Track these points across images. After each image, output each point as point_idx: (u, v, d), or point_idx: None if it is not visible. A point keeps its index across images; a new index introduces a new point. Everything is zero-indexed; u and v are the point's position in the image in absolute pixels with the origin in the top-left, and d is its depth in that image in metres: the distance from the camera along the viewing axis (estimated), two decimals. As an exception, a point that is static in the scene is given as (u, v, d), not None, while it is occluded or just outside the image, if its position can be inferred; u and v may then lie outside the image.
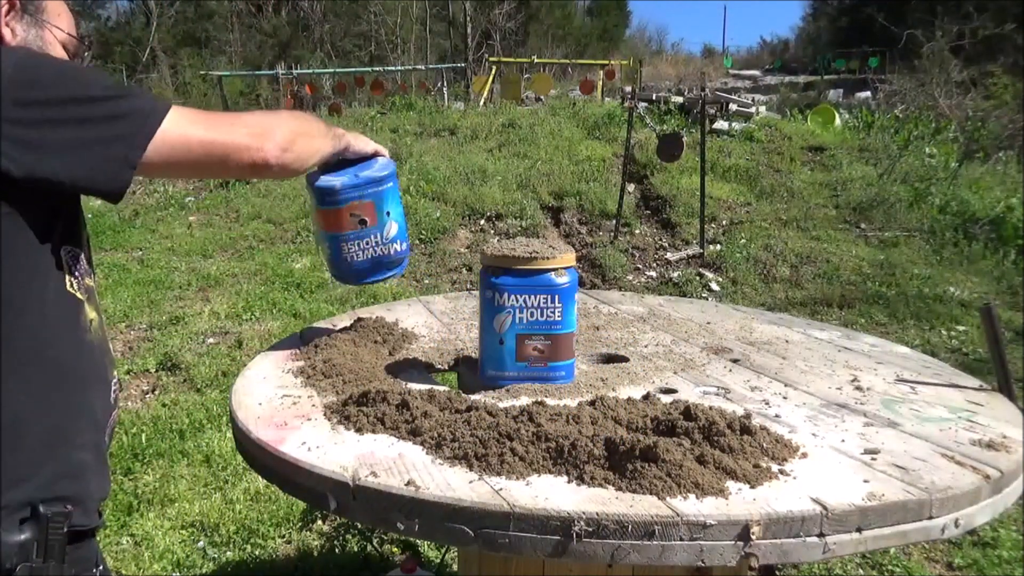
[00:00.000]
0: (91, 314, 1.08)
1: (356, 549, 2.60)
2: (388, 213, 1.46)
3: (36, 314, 0.98)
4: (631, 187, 7.44)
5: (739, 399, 1.30)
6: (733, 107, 10.26)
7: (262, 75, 16.66)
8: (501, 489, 0.94)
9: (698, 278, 5.95)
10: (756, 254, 6.23)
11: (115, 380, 1.15)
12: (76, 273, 1.05)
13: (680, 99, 10.72)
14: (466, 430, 1.07)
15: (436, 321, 1.79)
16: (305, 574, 2.52)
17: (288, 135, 1.16)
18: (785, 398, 1.31)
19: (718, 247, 6.42)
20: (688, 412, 1.10)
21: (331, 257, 1.48)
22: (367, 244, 1.45)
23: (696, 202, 6.65)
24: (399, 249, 1.49)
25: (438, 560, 2.51)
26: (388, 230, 1.46)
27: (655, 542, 0.87)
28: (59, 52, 1.13)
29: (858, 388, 1.38)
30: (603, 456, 0.99)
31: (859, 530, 0.92)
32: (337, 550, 2.61)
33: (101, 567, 1.10)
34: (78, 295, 1.05)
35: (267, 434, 1.11)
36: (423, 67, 16.70)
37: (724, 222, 6.99)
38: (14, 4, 1.08)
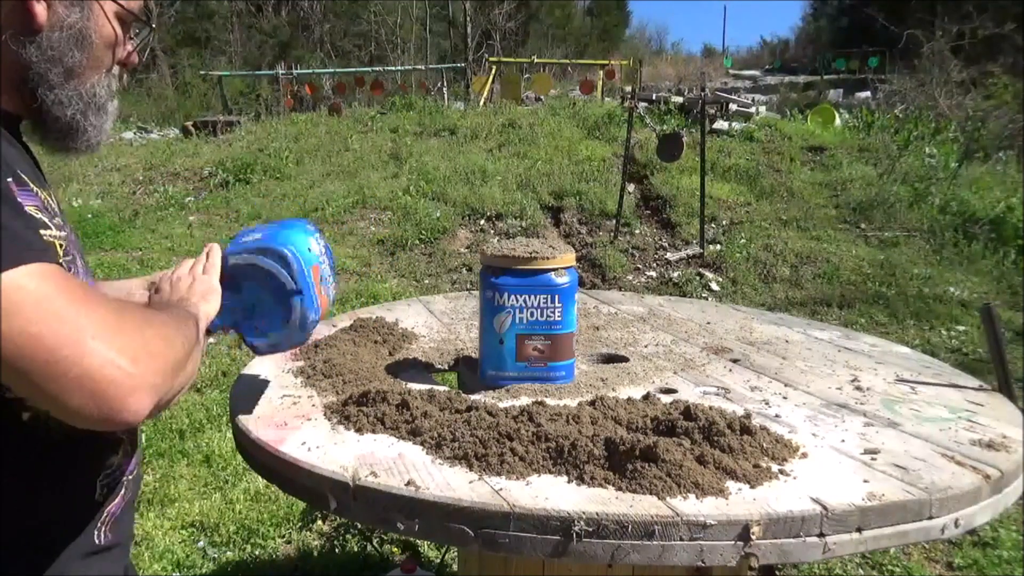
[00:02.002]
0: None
1: (356, 549, 2.60)
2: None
3: None
4: (631, 187, 7.44)
5: (739, 399, 1.30)
6: (733, 107, 10.26)
7: (262, 75, 16.66)
8: (501, 489, 0.94)
9: (698, 278, 5.95)
10: (756, 254, 6.24)
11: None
12: None
13: (680, 99, 10.72)
14: (466, 430, 1.07)
15: (436, 321, 1.79)
16: (305, 574, 2.52)
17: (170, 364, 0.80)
18: (785, 398, 1.31)
19: (718, 247, 6.42)
20: (688, 412, 1.10)
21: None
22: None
23: (696, 202, 6.65)
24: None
25: (438, 560, 2.51)
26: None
27: (655, 542, 0.87)
28: (106, 32, 0.96)
29: (858, 388, 1.38)
30: (603, 456, 0.99)
31: (859, 530, 0.92)
32: (337, 550, 2.61)
33: None
34: None
35: (267, 434, 1.11)
36: (423, 67, 16.70)
37: (724, 222, 6.99)
38: None
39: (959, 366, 1.82)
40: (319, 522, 2.75)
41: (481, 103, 12.51)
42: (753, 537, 0.88)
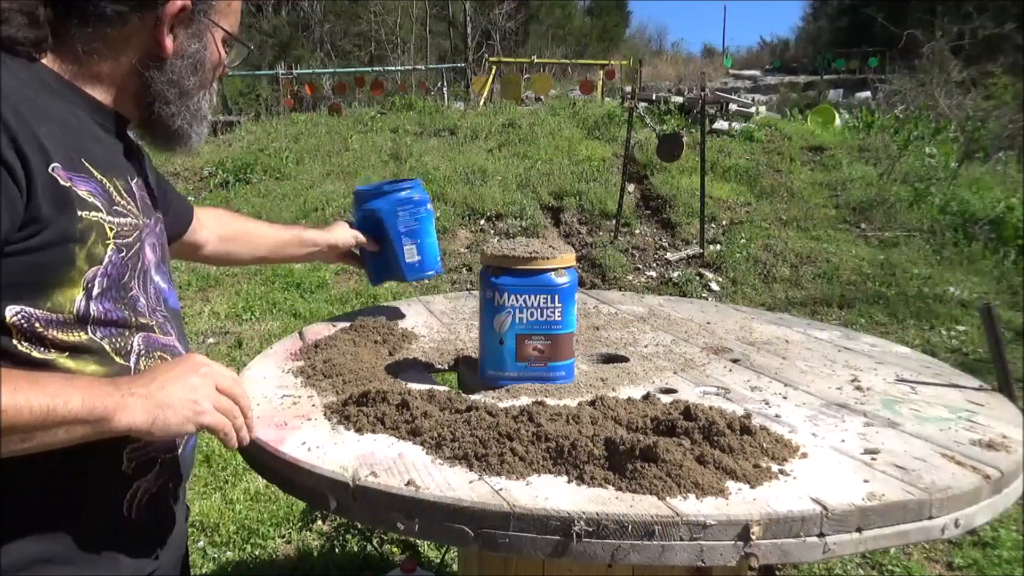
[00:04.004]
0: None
1: (356, 549, 2.60)
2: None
3: None
4: (631, 187, 7.44)
5: (739, 399, 1.30)
6: (733, 107, 10.26)
7: (262, 75, 16.66)
8: (501, 489, 0.94)
9: (698, 278, 5.96)
10: (756, 254, 6.24)
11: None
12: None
13: (680, 99, 10.71)
14: (466, 430, 1.07)
15: (436, 321, 1.79)
16: (305, 574, 2.52)
17: None
18: (785, 398, 1.31)
19: (718, 247, 6.43)
20: (688, 412, 1.10)
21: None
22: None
23: (696, 202, 6.65)
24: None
25: (438, 560, 2.51)
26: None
27: (655, 542, 0.87)
28: (214, 56, 1.10)
29: (858, 388, 1.38)
30: (603, 456, 0.99)
31: (859, 530, 0.92)
32: (337, 550, 2.61)
33: None
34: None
35: (267, 434, 1.11)
36: (423, 67, 16.70)
37: (724, 222, 6.99)
38: (186, 5, 1.03)
39: (959, 366, 1.83)
40: (319, 522, 2.75)
41: (481, 103, 12.51)
42: (753, 537, 0.88)
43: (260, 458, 1.11)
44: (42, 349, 0.92)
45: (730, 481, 0.96)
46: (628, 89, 9.98)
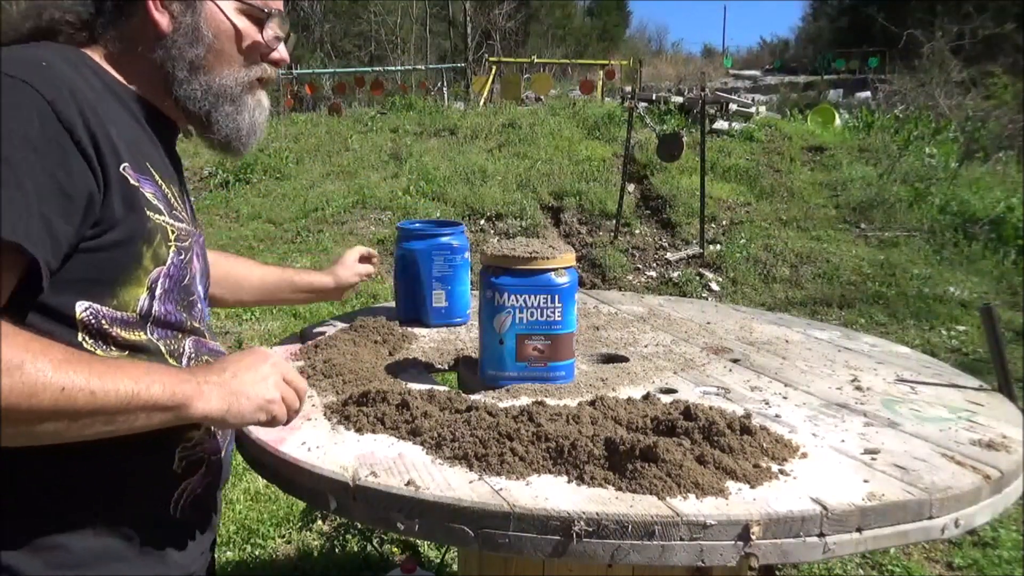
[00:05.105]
0: None
1: (356, 549, 2.60)
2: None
3: None
4: (631, 187, 7.44)
5: (739, 399, 1.30)
6: (733, 107, 10.26)
7: (262, 75, 16.60)
8: (501, 489, 0.94)
9: (698, 278, 5.96)
10: (756, 254, 6.24)
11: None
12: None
13: (680, 99, 10.72)
14: (466, 430, 1.07)
15: (436, 321, 1.79)
16: (305, 574, 2.52)
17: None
18: (785, 398, 1.31)
19: (718, 247, 6.43)
20: (688, 412, 1.10)
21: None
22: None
23: (696, 202, 6.65)
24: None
25: (438, 560, 2.51)
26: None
27: (655, 542, 0.87)
28: (224, 27, 1.05)
29: (858, 388, 1.38)
30: (603, 456, 0.99)
31: (859, 530, 0.92)
32: (337, 550, 2.61)
33: None
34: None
35: (267, 434, 1.11)
36: (423, 67, 16.70)
37: (724, 222, 6.99)
38: None
39: (959, 366, 1.82)
40: (319, 522, 2.75)
41: (481, 103, 12.51)
42: (753, 537, 0.88)
43: (260, 458, 1.11)
44: (105, 347, 0.93)
45: (730, 481, 0.96)
46: (628, 89, 9.99)
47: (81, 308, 0.90)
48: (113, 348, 0.94)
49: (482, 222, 6.76)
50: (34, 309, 0.88)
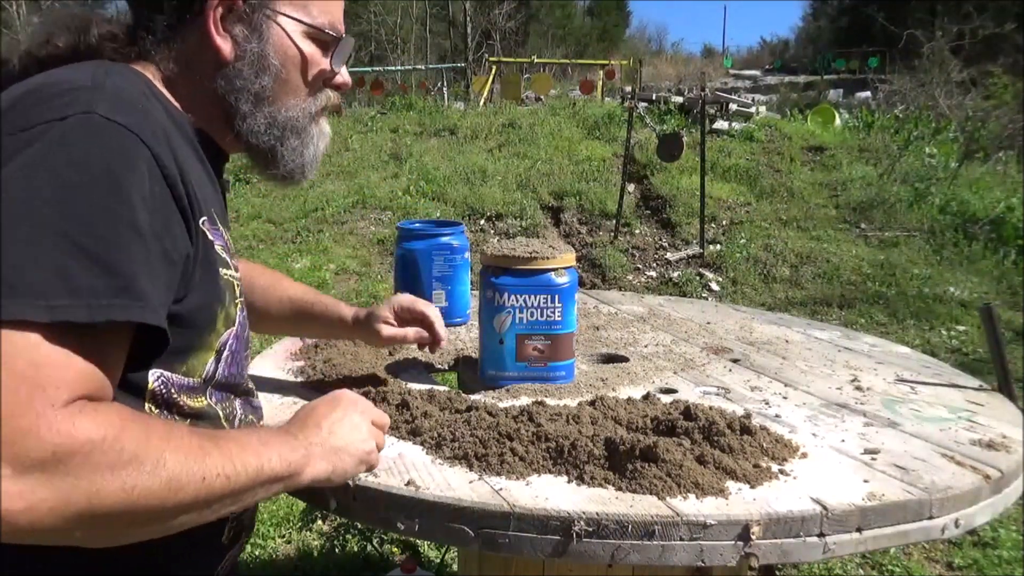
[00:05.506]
0: None
1: (356, 549, 2.60)
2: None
3: None
4: (631, 187, 7.44)
5: (739, 399, 1.30)
6: (733, 107, 10.26)
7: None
8: (501, 489, 0.94)
9: (698, 278, 5.96)
10: (756, 254, 6.24)
11: None
12: None
13: (680, 99, 10.72)
14: (466, 430, 1.07)
15: (436, 321, 1.79)
16: (305, 574, 2.52)
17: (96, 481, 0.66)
18: (785, 398, 1.31)
19: (718, 247, 6.43)
20: (688, 412, 1.10)
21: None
22: None
23: (696, 202, 6.65)
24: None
25: (438, 560, 2.51)
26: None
27: (655, 542, 0.87)
28: (291, 53, 0.95)
29: (858, 388, 1.38)
30: (603, 456, 0.99)
31: (859, 530, 0.91)
32: (337, 550, 2.61)
33: None
34: None
35: (267, 434, 1.11)
36: (423, 67, 16.70)
37: (724, 222, 6.99)
38: (235, 1, 0.91)
39: (959, 366, 1.82)
40: (319, 522, 2.75)
41: (481, 103, 12.52)
42: (753, 537, 0.88)
43: (260, 458, 1.11)
44: (170, 415, 0.85)
45: (730, 481, 0.96)
46: (628, 89, 9.99)
47: (153, 377, 0.82)
48: (176, 416, 0.86)
49: (482, 222, 6.77)
50: None
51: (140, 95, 0.83)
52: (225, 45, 0.91)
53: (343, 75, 1.01)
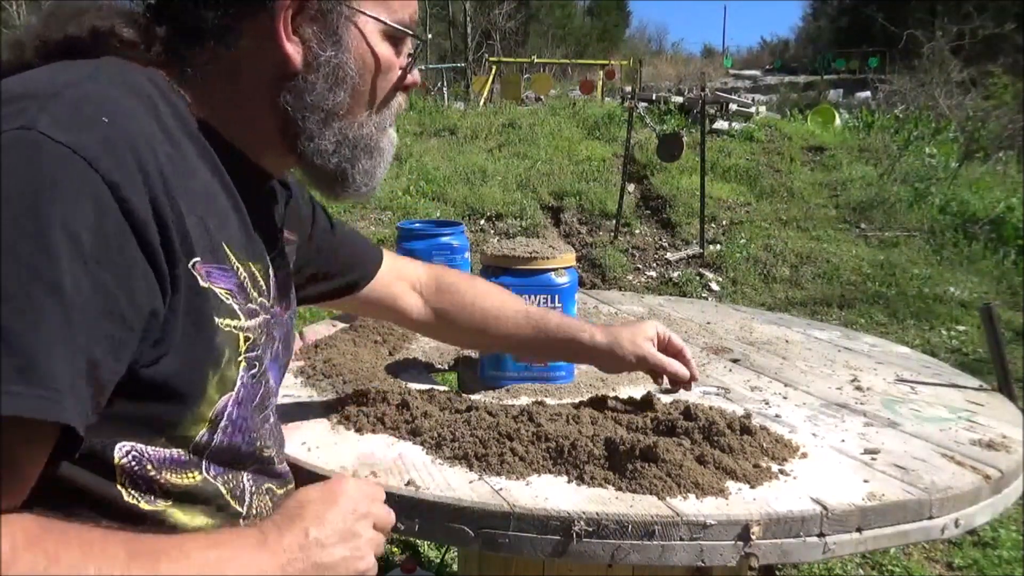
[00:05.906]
0: None
1: (356, 549, 2.60)
2: None
3: None
4: (631, 187, 7.44)
5: (739, 399, 1.30)
6: (733, 107, 10.27)
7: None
8: (501, 489, 0.94)
9: (698, 278, 5.96)
10: (756, 254, 6.24)
11: None
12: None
13: (680, 99, 10.73)
14: (466, 430, 1.07)
15: (436, 321, 1.79)
16: (305, 574, 2.51)
17: None
18: (785, 398, 1.31)
19: (718, 247, 6.43)
20: (688, 412, 1.10)
21: None
22: None
23: (696, 202, 6.65)
24: None
25: (438, 560, 2.51)
26: None
27: (655, 542, 0.87)
28: (368, 60, 0.79)
29: (858, 388, 1.38)
30: (603, 456, 0.99)
31: (859, 530, 0.92)
32: (337, 550, 2.61)
33: None
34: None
35: (267, 434, 1.11)
36: (423, 67, 16.69)
37: (724, 222, 6.99)
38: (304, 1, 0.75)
39: (959, 366, 1.82)
40: (319, 522, 2.75)
41: (481, 103, 12.52)
42: (753, 537, 0.88)
43: (260, 458, 1.11)
44: (150, 498, 0.69)
45: (730, 481, 0.96)
46: (628, 89, 9.98)
47: (121, 452, 0.66)
48: (160, 499, 0.69)
49: (482, 222, 6.76)
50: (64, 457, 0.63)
51: (129, 97, 0.67)
52: (296, 53, 0.75)
53: (414, 74, 0.86)
